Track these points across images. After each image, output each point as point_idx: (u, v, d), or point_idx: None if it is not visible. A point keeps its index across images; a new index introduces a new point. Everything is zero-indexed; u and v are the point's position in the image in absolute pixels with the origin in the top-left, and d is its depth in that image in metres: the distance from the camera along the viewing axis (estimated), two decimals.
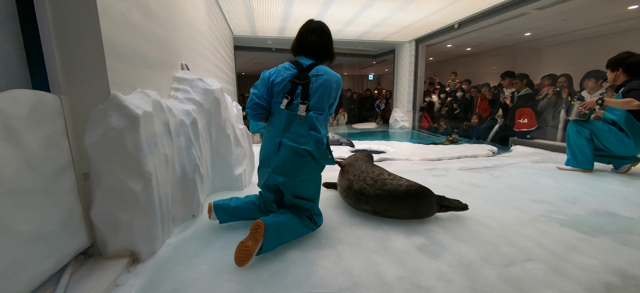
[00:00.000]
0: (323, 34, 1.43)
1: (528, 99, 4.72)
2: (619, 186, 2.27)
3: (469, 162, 3.31)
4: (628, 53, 2.41)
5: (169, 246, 1.36)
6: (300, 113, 1.31)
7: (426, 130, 7.05)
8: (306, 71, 1.34)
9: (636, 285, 1.15)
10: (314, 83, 1.32)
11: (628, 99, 2.24)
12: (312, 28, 1.42)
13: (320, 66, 1.37)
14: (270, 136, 1.36)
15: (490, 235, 1.49)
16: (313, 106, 1.33)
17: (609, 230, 1.58)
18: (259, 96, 1.37)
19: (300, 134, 1.31)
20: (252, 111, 1.38)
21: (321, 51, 1.42)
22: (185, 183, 1.56)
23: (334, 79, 1.39)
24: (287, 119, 1.30)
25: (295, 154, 1.30)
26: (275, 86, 1.35)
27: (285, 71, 1.36)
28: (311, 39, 1.39)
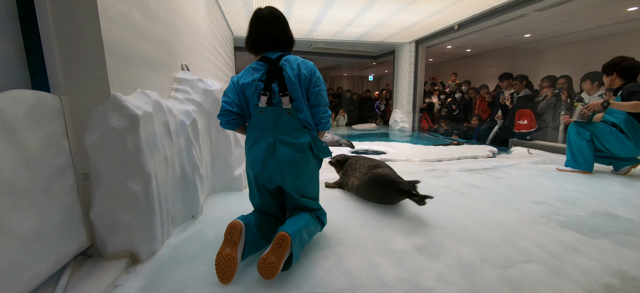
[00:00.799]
0: (278, 20, 1.30)
1: (527, 100, 4.72)
2: (618, 187, 2.27)
3: (468, 163, 3.31)
4: (621, 57, 2.43)
5: (169, 247, 1.36)
6: (286, 106, 1.22)
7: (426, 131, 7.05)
8: (276, 63, 1.25)
9: (636, 286, 1.15)
10: (286, 74, 1.23)
11: (635, 102, 2.24)
12: (265, 17, 1.29)
13: (287, 56, 1.28)
14: (258, 139, 1.25)
15: (490, 236, 1.49)
16: (294, 96, 1.24)
17: (609, 232, 1.58)
18: (229, 103, 1.27)
19: (292, 128, 1.24)
20: (224, 118, 1.28)
21: (284, 40, 1.32)
22: (185, 184, 1.56)
23: (305, 65, 1.28)
24: (273, 116, 1.22)
25: (295, 149, 1.24)
26: (247, 88, 1.25)
27: (253, 71, 1.27)
28: (271, 30, 1.28)
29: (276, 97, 1.23)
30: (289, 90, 1.23)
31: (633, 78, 2.40)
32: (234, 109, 1.28)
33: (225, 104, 1.28)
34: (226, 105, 1.28)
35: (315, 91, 1.29)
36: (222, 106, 1.28)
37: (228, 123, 1.30)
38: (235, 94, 1.29)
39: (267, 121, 1.24)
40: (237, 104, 1.28)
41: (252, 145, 1.28)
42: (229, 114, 1.28)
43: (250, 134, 1.29)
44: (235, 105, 1.28)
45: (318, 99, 1.30)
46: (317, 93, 1.29)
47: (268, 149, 1.23)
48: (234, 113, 1.29)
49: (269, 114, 1.23)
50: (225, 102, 1.28)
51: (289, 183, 1.25)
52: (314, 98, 1.29)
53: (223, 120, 1.29)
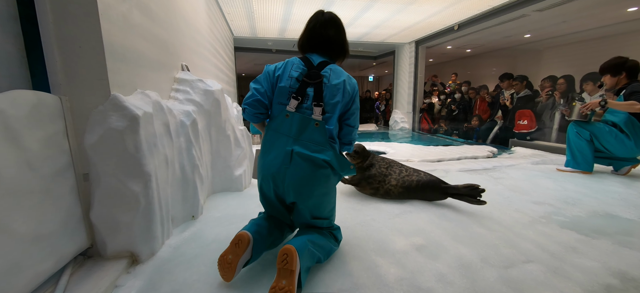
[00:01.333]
0: (338, 27, 1.23)
1: (527, 100, 4.72)
2: (618, 187, 2.27)
3: (468, 163, 3.31)
4: (623, 58, 2.44)
5: (169, 247, 1.36)
6: (316, 116, 1.11)
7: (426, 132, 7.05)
8: (317, 70, 1.16)
9: (636, 287, 1.15)
10: (328, 83, 1.14)
11: (631, 102, 2.25)
12: (326, 21, 1.21)
13: (333, 65, 1.19)
14: (276, 144, 1.12)
15: (490, 237, 1.49)
16: (328, 109, 1.14)
17: (609, 232, 1.57)
18: (262, 93, 1.16)
19: (316, 142, 1.11)
20: (252, 110, 1.16)
21: (337, 48, 1.23)
22: (185, 184, 1.56)
23: (350, 82, 1.20)
24: (299, 124, 1.10)
25: (313, 165, 1.10)
26: (280, 83, 1.15)
27: (293, 68, 1.17)
28: (327, 34, 1.20)
29: (308, 102, 1.13)
30: (325, 101, 1.14)
31: (635, 77, 2.40)
32: (266, 102, 1.17)
33: (257, 93, 1.16)
34: (258, 95, 1.16)
35: (353, 111, 1.22)
36: (252, 95, 1.16)
37: (256, 115, 1.18)
38: (269, 84, 1.18)
39: (290, 127, 1.12)
40: (268, 97, 1.18)
41: (268, 150, 1.15)
42: (259, 105, 1.16)
43: (268, 138, 1.16)
44: (267, 97, 1.18)
45: (354, 121, 1.24)
46: (354, 114, 1.23)
47: (284, 159, 1.10)
48: (263, 106, 1.18)
49: (295, 121, 1.11)
50: (257, 92, 1.16)
51: (300, 200, 1.13)
52: (351, 119, 1.22)
53: (251, 112, 1.17)
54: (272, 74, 1.18)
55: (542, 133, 4.45)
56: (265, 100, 1.17)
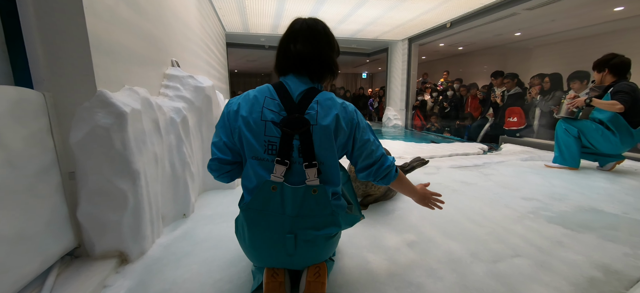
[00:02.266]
0: (314, 37, 0.90)
1: (518, 98, 4.80)
2: (604, 183, 2.34)
3: (460, 160, 3.35)
4: (612, 55, 2.47)
5: (159, 246, 1.34)
6: (311, 181, 0.84)
7: (419, 129, 7.12)
8: (299, 109, 0.85)
9: (618, 279, 1.19)
10: (316, 125, 0.84)
11: (613, 101, 2.30)
12: (295, 32, 0.91)
13: (319, 96, 0.88)
14: (266, 227, 0.87)
15: (479, 232, 1.52)
16: (325, 161, 0.86)
17: (594, 227, 1.62)
18: (220, 147, 0.89)
19: (319, 214, 0.87)
20: (215, 173, 0.92)
21: (319, 67, 0.91)
22: (175, 182, 1.54)
23: (346, 114, 0.89)
24: (293, 198, 0.84)
25: (324, 241, 0.91)
26: (247, 131, 0.85)
27: (265, 104, 0.85)
28: (295, 51, 0.89)
29: (294, 157, 0.85)
30: (319, 155, 0.85)
31: (623, 75, 2.44)
32: (228, 157, 0.90)
33: (216, 149, 0.91)
34: (217, 151, 0.91)
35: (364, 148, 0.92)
36: (212, 152, 0.92)
37: (222, 176, 0.93)
38: (228, 132, 0.89)
39: (282, 204, 0.84)
40: (231, 148, 0.90)
41: (255, 236, 0.88)
42: (220, 165, 0.90)
43: (252, 220, 0.87)
44: (229, 150, 0.90)
45: (372, 157, 0.93)
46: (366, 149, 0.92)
47: (286, 247, 0.87)
48: (227, 163, 0.91)
49: (287, 195, 0.84)
50: (216, 147, 0.91)
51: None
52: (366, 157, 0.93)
53: (214, 174, 0.93)
54: (233, 116, 0.87)
55: (531, 130, 4.54)
56: (227, 155, 0.90)
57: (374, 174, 0.95)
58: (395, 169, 0.98)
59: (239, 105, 0.88)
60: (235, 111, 0.88)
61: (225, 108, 0.92)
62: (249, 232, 0.90)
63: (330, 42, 0.95)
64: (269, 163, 0.85)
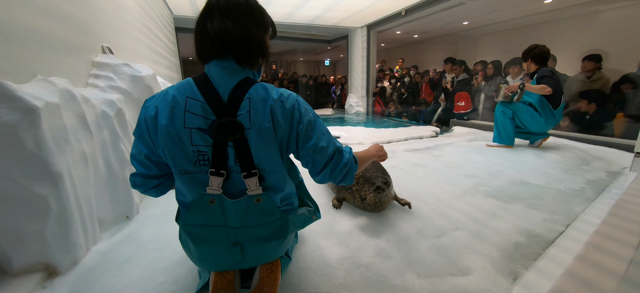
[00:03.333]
0: (234, 11, 0.73)
1: (465, 83, 5.19)
2: (532, 158, 2.65)
3: (414, 143, 3.55)
4: (534, 45, 2.79)
5: (96, 253, 1.22)
6: (252, 191, 0.76)
7: (379, 115, 7.36)
8: (230, 110, 0.72)
9: (538, 242, 1.36)
10: (250, 129, 0.72)
11: (543, 85, 2.60)
12: (211, 7, 0.74)
13: (252, 89, 0.74)
14: (210, 240, 0.79)
15: (426, 210, 1.63)
16: (267, 167, 0.77)
17: (522, 197, 1.83)
18: (141, 161, 0.79)
19: (266, 223, 0.81)
20: (140, 189, 0.83)
21: (239, 46, 0.74)
22: (113, 182, 1.40)
23: (282, 107, 0.76)
24: (235, 211, 0.76)
25: (277, 245, 0.86)
26: (173, 140, 0.72)
27: (187, 109, 0.71)
28: (213, 29, 0.72)
29: (231, 166, 0.75)
30: (258, 161, 0.75)
31: (544, 63, 2.77)
32: (152, 171, 0.80)
33: (136, 163, 0.80)
34: (138, 165, 0.80)
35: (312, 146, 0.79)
36: (133, 164, 0.82)
37: (149, 191, 0.84)
38: (147, 143, 0.77)
39: (223, 216, 0.77)
40: (154, 161, 0.79)
41: (200, 248, 0.81)
42: (144, 180, 0.81)
43: (191, 230, 0.79)
44: (152, 163, 0.79)
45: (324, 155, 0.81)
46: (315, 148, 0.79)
47: (234, 255, 0.81)
48: (154, 177, 0.81)
49: (228, 208, 0.76)
50: (136, 160, 0.80)
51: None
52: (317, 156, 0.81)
53: (140, 190, 0.83)
54: (151, 124, 0.73)
55: (477, 113, 4.96)
56: (151, 169, 0.80)
57: (330, 174, 0.83)
58: (355, 160, 0.89)
59: (156, 110, 0.72)
60: (153, 117, 0.72)
61: (141, 113, 0.76)
62: (190, 247, 0.83)
63: (254, 16, 0.77)
64: (202, 175, 0.74)
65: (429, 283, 1.07)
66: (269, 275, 0.90)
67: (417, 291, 1.03)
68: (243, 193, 0.76)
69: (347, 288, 1.03)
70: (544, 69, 2.70)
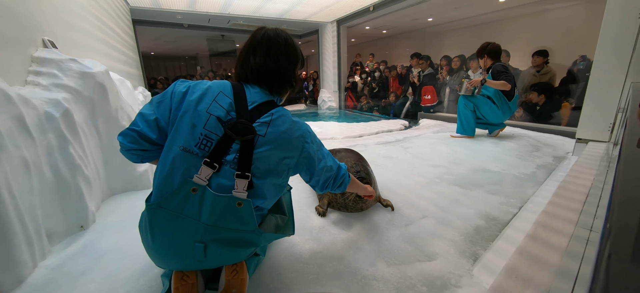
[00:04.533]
0: (274, 50, 0.90)
1: (431, 78, 5.44)
2: (491, 147, 2.85)
3: (385, 137, 3.66)
4: (486, 43, 3.01)
5: (45, 269, 1.11)
6: (239, 193, 0.77)
7: (351, 109, 7.48)
8: (251, 117, 0.81)
9: (495, 224, 1.47)
10: (263, 138, 0.80)
11: (503, 81, 2.80)
12: (255, 43, 0.90)
13: (276, 110, 0.85)
14: (175, 231, 0.77)
15: (396, 200, 1.68)
16: (260, 176, 0.81)
17: (482, 183, 1.96)
18: (149, 121, 0.81)
19: (239, 230, 0.80)
20: (127, 145, 0.81)
21: (274, 81, 0.90)
22: (63, 190, 1.28)
23: (296, 132, 0.85)
24: (213, 207, 0.76)
25: (241, 251, 0.85)
26: (191, 116, 0.79)
27: (216, 100, 0.81)
28: (254, 64, 0.88)
29: (226, 169, 0.78)
30: (257, 169, 0.80)
31: (498, 58, 2.98)
32: (152, 136, 0.81)
33: (142, 121, 0.82)
34: (142, 123, 0.81)
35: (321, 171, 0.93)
36: (135, 122, 0.82)
37: (134, 153, 0.83)
38: (165, 109, 0.82)
39: (199, 209, 0.76)
40: (160, 128, 0.82)
41: (159, 233, 0.78)
42: (139, 139, 0.81)
43: (160, 219, 0.76)
44: (157, 129, 0.82)
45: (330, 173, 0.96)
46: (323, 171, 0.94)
47: (196, 253, 0.78)
48: (148, 141, 0.82)
49: (207, 201, 0.76)
50: (143, 118, 0.82)
51: None
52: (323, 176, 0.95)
53: (125, 146, 0.82)
54: (179, 96, 0.82)
55: (442, 105, 5.22)
56: (153, 133, 0.81)
57: (332, 185, 1.00)
58: (348, 175, 1.06)
59: (188, 88, 0.84)
60: (183, 93, 0.82)
61: (171, 87, 0.85)
62: (152, 234, 0.79)
63: (291, 54, 0.94)
64: (196, 158, 0.77)
65: (398, 271, 1.11)
66: (234, 277, 0.87)
67: (387, 279, 1.07)
68: (228, 192, 0.77)
69: (319, 282, 1.04)
70: (498, 64, 2.91)
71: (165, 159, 0.78)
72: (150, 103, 0.85)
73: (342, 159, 1.68)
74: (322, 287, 1.01)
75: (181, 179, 0.76)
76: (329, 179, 0.97)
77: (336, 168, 0.99)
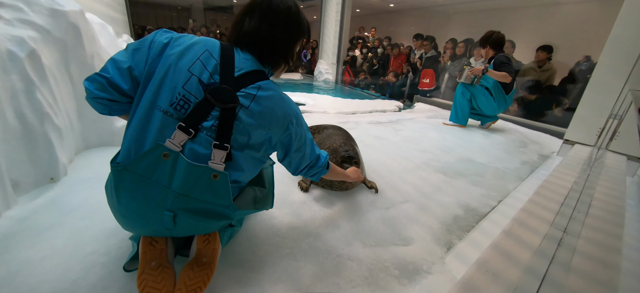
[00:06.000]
0: (273, 17, 0.80)
1: (433, 61, 5.30)
2: (480, 138, 2.85)
3: (378, 116, 3.61)
4: (491, 32, 2.88)
5: (10, 219, 1.06)
6: (216, 164, 0.72)
7: (348, 84, 7.32)
8: (236, 85, 0.73)
9: (473, 215, 1.49)
10: (247, 109, 0.74)
11: (505, 73, 2.72)
12: (254, 5, 0.81)
13: (264, 83, 0.77)
14: (142, 196, 0.71)
15: (380, 182, 1.68)
16: (238, 149, 0.75)
17: (466, 174, 1.97)
18: (121, 69, 0.73)
19: (213, 204, 0.75)
20: (94, 92, 0.72)
21: (265, 50, 0.81)
22: (30, 139, 1.20)
23: (282, 110, 0.79)
24: (186, 175, 0.70)
25: (213, 222, 0.81)
26: (169, 71, 0.71)
27: (200, 58, 0.73)
28: (248, 28, 0.79)
29: (202, 135, 0.71)
30: (236, 140, 0.74)
31: (501, 48, 2.89)
32: (123, 86, 0.72)
33: (113, 67, 0.73)
34: (113, 70, 0.72)
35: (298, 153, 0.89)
36: (105, 68, 0.73)
37: (100, 102, 0.74)
38: (142, 58, 0.74)
39: (170, 176, 0.70)
40: (133, 78, 0.73)
41: (125, 197, 0.72)
42: (108, 87, 0.72)
43: (125, 178, 0.70)
44: (129, 79, 0.73)
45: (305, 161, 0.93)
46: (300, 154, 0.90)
47: (164, 221, 0.73)
48: (118, 91, 0.73)
49: (179, 168, 0.70)
50: (115, 64, 0.73)
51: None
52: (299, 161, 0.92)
53: (91, 93, 0.72)
54: (159, 46, 0.74)
55: (439, 91, 5.15)
56: (125, 83, 0.73)
57: (305, 173, 0.98)
58: (327, 165, 1.02)
59: (170, 40, 0.75)
60: (164, 44, 0.74)
61: (151, 35, 0.77)
62: (118, 197, 0.73)
63: (291, 25, 0.83)
64: (170, 120, 0.70)
65: (372, 253, 1.12)
66: (206, 246, 0.85)
67: (361, 260, 1.07)
68: (204, 161, 0.71)
69: (294, 258, 1.04)
70: (501, 56, 2.82)
71: (135, 116, 0.71)
72: (125, 50, 0.75)
73: (330, 136, 1.64)
74: (296, 262, 1.01)
75: (153, 141, 0.69)
76: (303, 166, 0.94)
77: (314, 158, 0.95)
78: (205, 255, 0.85)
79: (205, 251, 0.85)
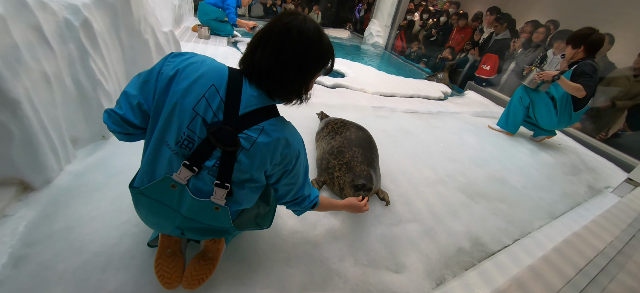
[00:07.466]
0: (287, 51, 0.72)
1: (502, 45, 4.56)
2: (525, 155, 2.56)
3: (417, 104, 3.37)
4: (590, 29, 2.32)
5: (69, 174, 1.29)
6: (216, 199, 0.77)
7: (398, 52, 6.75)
8: (239, 126, 0.73)
9: (479, 251, 1.44)
10: (247, 152, 0.75)
11: (578, 86, 2.25)
12: (268, 34, 0.73)
13: (268, 122, 0.76)
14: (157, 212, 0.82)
15: (394, 193, 1.66)
16: (239, 184, 0.80)
17: (491, 197, 1.84)
18: (131, 105, 0.76)
19: (213, 229, 0.87)
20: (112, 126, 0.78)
21: (274, 88, 0.77)
22: (85, 103, 1.38)
23: (284, 150, 0.79)
24: (190, 206, 0.78)
25: (215, 235, 0.93)
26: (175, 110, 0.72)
27: (206, 96, 0.72)
28: (258, 60, 0.74)
29: (204, 174, 0.75)
30: (237, 178, 0.78)
31: (594, 54, 2.35)
32: (135, 121, 0.77)
33: (125, 103, 0.77)
34: (126, 106, 0.77)
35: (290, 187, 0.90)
36: (118, 103, 0.78)
37: (119, 135, 0.81)
38: (149, 91, 0.76)
39: (178, 202, 0.78)
40: (143, 112, 0.77)
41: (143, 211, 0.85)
42: (122, 123, 0.77)
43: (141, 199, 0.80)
44: (140, 113, 0.77)
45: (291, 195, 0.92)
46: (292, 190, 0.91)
47: (175, 232, 0.87)
48: (132, 126, 0.78)
49: (185, 200, 0.77)
50: (127, 99, 0.77)
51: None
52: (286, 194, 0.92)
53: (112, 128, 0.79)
54: (165, 80, 0.73)
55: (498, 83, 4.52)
56: (136, 118, 0.77)
57: (288, 206, 0.99)
58: (313, 205, 1.00)
59: (177, 72, 0.73)
60: (170, 78, 0.73)
61: (159, 63, 0.77)
62: (138, 209, 0.86)
63: (306, 62, 0.75)
64: (176, 157, 0.74)
65: (361, 273, 1.18)
66: (212, 245, 1.01)
67: (348, 279, 1.15)
68: (206, 196, 0.77)
69: (288, 263, 1.14)
70: (588, 64, 2.30)
71: (148, 148, 0.78)
72: (137, 78, 0.79)
73: (350, 146, 1.59)
74: (289, 269, 1.12)
75: (162, 172, 0.76)
76: (287, 199, 0.93)
77: (301, 200, 0.95)
78: (211, 251, 1.00)
79: (211, 249, 1.00)
